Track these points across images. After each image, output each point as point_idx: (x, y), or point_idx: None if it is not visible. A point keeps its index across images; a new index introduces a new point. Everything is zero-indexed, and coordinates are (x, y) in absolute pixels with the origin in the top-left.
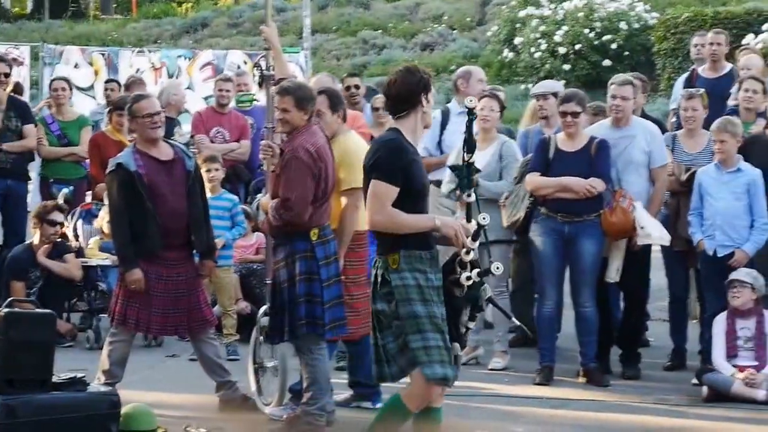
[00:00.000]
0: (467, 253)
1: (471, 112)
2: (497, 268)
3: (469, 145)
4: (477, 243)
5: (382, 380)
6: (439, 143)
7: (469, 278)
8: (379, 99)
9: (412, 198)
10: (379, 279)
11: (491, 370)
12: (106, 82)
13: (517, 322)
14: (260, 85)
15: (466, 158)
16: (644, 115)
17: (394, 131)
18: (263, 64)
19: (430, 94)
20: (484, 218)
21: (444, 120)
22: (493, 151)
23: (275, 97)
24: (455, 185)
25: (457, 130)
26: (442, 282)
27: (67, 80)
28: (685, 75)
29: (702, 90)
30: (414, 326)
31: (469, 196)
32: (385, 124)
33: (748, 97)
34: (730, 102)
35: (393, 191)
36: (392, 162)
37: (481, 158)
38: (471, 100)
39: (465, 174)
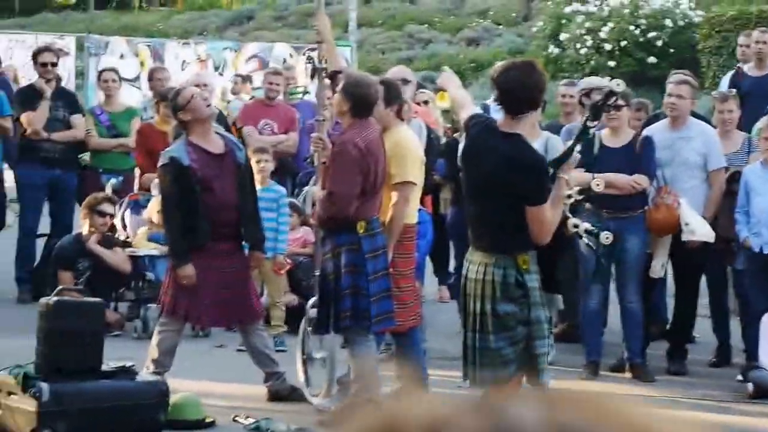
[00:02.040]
0: (567, 197)
1: (614, 93)
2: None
3: (595, 114)
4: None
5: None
6: None
7: (576, 225)
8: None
9: None
10: (502, 280)
11: None
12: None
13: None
14: (312, 77)
15: (589, 123)
16: (693, 114)
17: (521, 140)
18: (315, 56)
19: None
20: (597, 185)
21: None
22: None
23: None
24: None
25: None
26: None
27: (116, 71)
28: (731, 73)
29: (734, 91)
30: (541, 331)
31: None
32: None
33: None
34: None
35: None
36: (547, 182)
37: None
38: (618, 84)
39: (580, 132)
